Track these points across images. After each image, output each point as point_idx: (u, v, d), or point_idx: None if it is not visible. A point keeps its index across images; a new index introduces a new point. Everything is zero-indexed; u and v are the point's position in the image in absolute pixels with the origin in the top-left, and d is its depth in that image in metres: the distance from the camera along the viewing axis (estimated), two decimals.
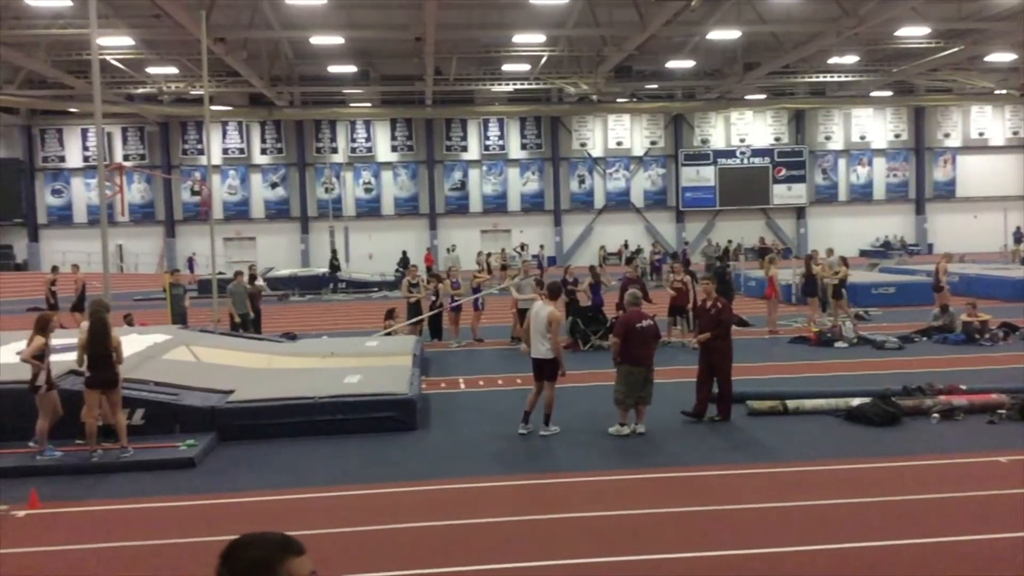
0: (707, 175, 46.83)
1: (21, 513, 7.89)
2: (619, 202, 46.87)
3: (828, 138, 47.89)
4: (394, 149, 45.46)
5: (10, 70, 33.26)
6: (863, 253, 43.68)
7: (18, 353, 9.80)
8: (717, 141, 47.28)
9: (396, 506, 8.01)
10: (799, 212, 47.88)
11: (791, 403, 11.23)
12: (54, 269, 24.66)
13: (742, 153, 47.05)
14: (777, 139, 47.47)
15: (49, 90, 36.12)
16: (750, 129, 47.23)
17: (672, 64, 36.49)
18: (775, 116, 47.27)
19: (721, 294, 12.02)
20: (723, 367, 10.98)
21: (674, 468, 9.02)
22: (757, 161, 47.01)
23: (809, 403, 11.25)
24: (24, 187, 43.44)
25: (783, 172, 47.00)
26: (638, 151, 46.91)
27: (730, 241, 44.90)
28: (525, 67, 36.45)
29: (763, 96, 44.20)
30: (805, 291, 19.92)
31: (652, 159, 47.03)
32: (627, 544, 6.91)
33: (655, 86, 41.98)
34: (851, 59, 36.95)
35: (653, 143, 46.98)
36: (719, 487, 8.41)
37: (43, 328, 9.52)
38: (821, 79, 40.29)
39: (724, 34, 30.82)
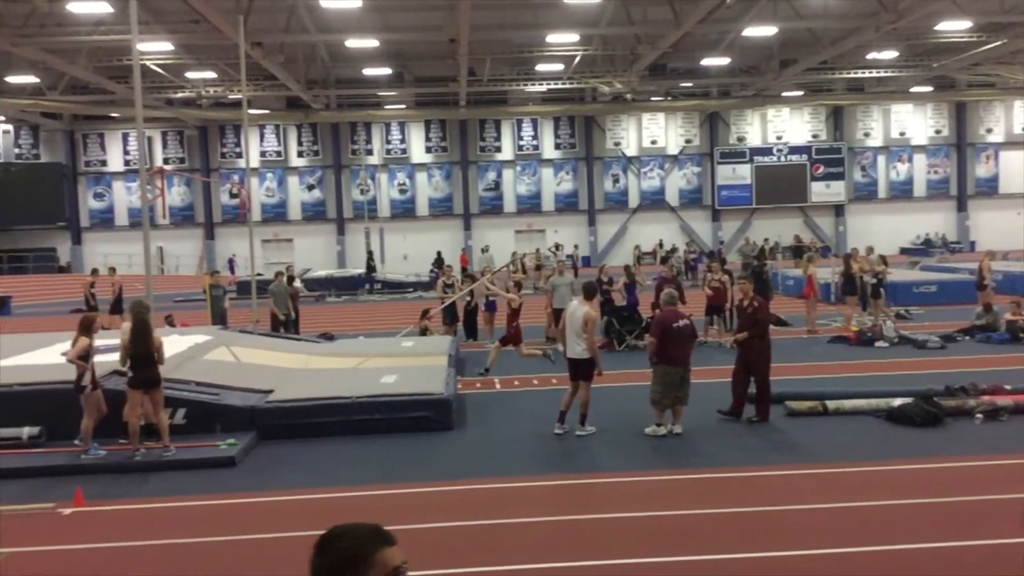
0: (743, 173, 46.42)
1: (67, 511, 8.05)
2: (654, 201, 46.64)
3: (867, 135, 47.24)
4: (428, 150, 45.66)
5: (53, 76, 33.91)
6: (904, 251, 43.00)
7: (63, 354, 9.99)
8: (753, 139, 46.85)
9: (433, 505, 8.04)
10: (838, 210, 47.26)
11: (831, 403, 11.09)
12: (93, 272, 25.09)
13: (779, 151, 46.57)
14: (815, 136, 46.93)
15: (91, 95, 36.76)
16: (787, 126, 46.74)
17: (707, 62, 36.17)
18: (813, 113, 46.74)
19: (759, 293, 11.91)
20: (760, 367, 10.87)
21: (712, 469, 8.95)
22: (794, 159, 46.49)
23: (849, 403, 11.11)
24: (67, 191, 44.31)
25: (821, 169, 46.43)
26: (673, 150, 46.64)
27: (766, 240, 44.42)
28: (559, 67, 36.39)
29: (800, 93, 43.66)
30: (844, 290, 19.67)
31: (687, 157, 46.72)
32: (666, 545, 6.87)
33: (690, 84, 41.64)
34: (890, 54, 36.35)
35: (688, 141, 46.67)
36: (759, 488, 8.33)
37: (87, 329, 9.70)
38: (859, 75, 39.70)
39: (760, 31, 30.49)
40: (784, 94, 43.31)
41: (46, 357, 12.34)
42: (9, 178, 42.84)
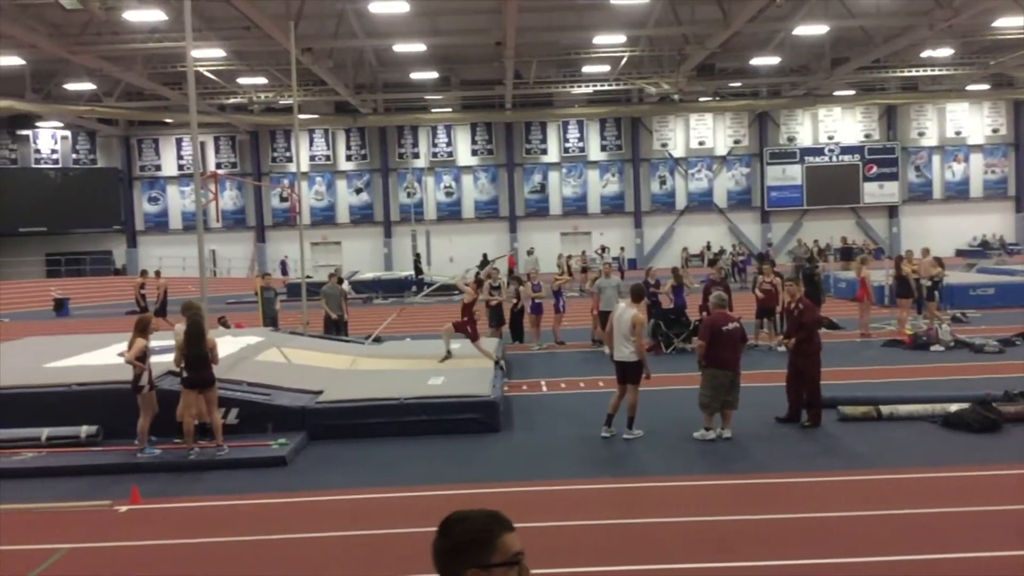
0: (793, 174, 45.77)
1: (123, 508, 8.23)
2: (701, 203, 46.21)
3: (921, 134, 46.24)
4: (474, 153, 45.84)
5: (109, 83, 34.78)
6: (960, 253, 42.04)
7: (120, 354, 10.21)
8: (804, 139, 46.17)
9: (480, 506, 8.03)
10: (891, 211, 46.33)
11: (885, 408, 10.88)
12: (142, 273, 25.57)
13: (831, 151, 45.82)
14: (867, 136, 46.08)
15: (146, 102, 37.63)
16: (839, 126, 45.97)
17: (756, 61, 35.73)
18: (865, 112, 45.90)
19: (810, 296, 11.74)
20: (809, 370, 10.69)
21: (762, 474, 8.83)
22: (846, 159, 45.71)
23: (904, 408, 10.88)
24: (122, 195, 45.37)
25: (874, 170, 45.58)
26: (721, 150, 46.17)
27: (816, 242, 43.70)
28: (605, 68, 36.26)
29: (852, 92, 42.89)
30: (898, 292, 19.28)
31: (736, 158, 46.21)
32: (714, 550, 6.79)
33: (739, 84, 41.18)
34: (945, 52, 35.52)
35: (737, 142, 46.16)
36: (809, 494, 8.20)
37: (143, 330, 9.90)
38: (913, 73, 38.85)
39: (811, 29, 30.03)
40: (836, 93, 42.61)
41: (103, 358, 12.66)
42: (67, 183, 44.04)
